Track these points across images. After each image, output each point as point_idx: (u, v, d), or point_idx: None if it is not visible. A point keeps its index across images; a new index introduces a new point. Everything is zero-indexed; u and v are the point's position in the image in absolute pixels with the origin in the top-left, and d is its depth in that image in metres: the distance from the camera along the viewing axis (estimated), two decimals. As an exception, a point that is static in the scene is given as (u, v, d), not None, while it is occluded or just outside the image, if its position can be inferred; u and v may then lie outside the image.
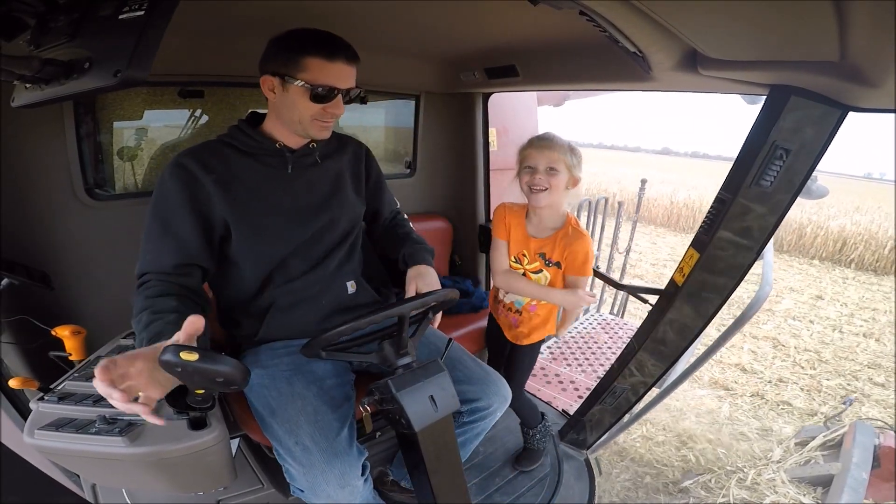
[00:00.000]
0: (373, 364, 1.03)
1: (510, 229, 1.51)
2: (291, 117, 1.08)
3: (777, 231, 1.12)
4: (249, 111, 1.23)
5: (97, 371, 0.67)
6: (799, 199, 1.08)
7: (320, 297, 1.22)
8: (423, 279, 1.20)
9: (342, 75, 1.05)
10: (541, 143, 1.39)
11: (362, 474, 1.05)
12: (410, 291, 1.18)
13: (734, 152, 1.12)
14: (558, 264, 1.46)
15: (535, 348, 1.63)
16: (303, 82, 1.02)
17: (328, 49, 1.02)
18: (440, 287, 1.14)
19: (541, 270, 1.48)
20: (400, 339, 1.01)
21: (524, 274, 1.51)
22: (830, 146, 0.99)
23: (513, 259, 1.52)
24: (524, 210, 1.51)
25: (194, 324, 0.74)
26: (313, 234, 1.18)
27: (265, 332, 1.18)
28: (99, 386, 0.68)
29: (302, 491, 1.04)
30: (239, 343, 1.24)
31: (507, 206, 1.54)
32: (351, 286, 1.27)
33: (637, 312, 4.32)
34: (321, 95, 1.04)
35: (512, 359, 1.66)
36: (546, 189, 1.37)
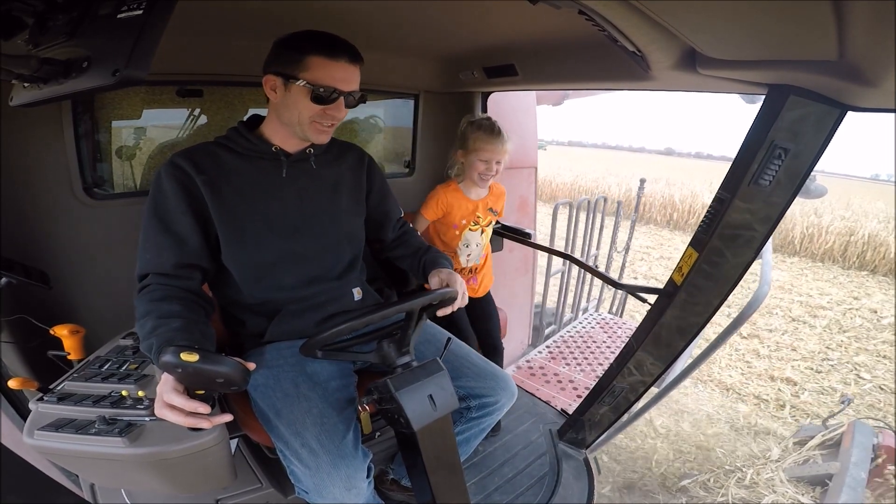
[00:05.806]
0: (374, 363, 1.03)
1: (450, 209, 1.75)
2: (291, 118, 1.07)
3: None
4: (251, 113, 1.22)
5: (166, 415, 0.81)
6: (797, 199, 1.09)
7: (327, 306, 1.22)
8: (451, 277, 1.23)
9: (345, 76, 1.05)
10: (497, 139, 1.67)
11: (367, 476, 1.05)
12: (434, 285, 1.23)
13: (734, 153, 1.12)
14: (495, 211, 1.84)
15: (489, 295, 1.92)
16: (304, 82, 1.01)
17: (331, 48, 1.01)
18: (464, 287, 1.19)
19: (491, 223, 1.84)
20: (398, 338, 1.01)
21: (482, 231, 1.80)
22: (832, 146, 0.99)
23: (472, 223, 1.78)
24: (457, 186, 1.77)
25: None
26: (305, 246, 1.17)
27: (271, 333, 1.18)
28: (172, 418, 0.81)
29: (307, 492, 1.03)
30: (242, 342, 1.24)
31: (442, 190, 1.76)
32: (357, 293, 1.27)
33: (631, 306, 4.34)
34: (322, 96, 1.03)
35: (482, 312, 1.87)
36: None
